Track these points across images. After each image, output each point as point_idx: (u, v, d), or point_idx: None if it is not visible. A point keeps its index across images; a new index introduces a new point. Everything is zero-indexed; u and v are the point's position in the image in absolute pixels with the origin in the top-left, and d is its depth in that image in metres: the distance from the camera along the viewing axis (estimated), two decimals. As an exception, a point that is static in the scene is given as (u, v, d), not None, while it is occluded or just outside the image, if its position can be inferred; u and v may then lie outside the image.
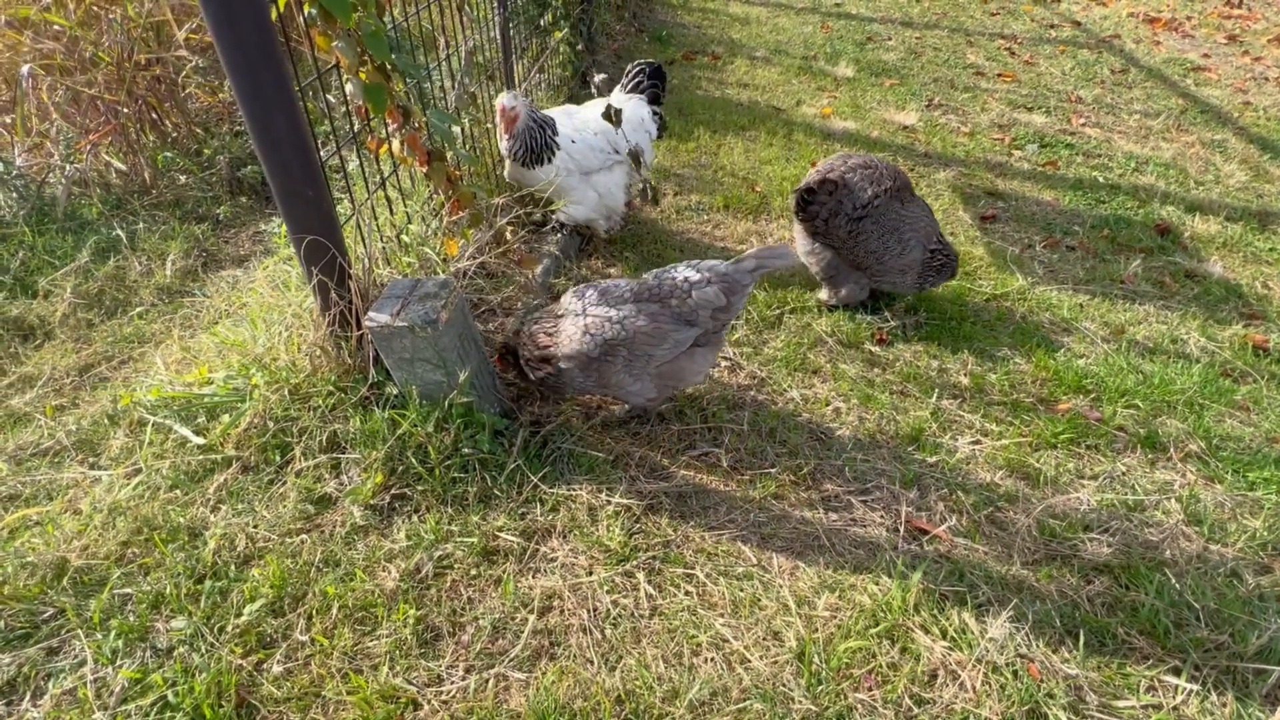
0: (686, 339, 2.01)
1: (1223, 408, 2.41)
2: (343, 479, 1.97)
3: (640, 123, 3.10)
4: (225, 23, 1.51)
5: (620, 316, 2.00)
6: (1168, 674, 1.61)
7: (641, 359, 2.01)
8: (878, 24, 6.45)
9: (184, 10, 3.73)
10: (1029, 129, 4.52)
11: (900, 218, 2.57)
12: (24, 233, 3.10)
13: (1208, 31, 6.39)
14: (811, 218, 2.61)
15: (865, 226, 2.55)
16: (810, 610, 1.73)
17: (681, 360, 2.05)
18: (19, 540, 1.78)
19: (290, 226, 1.84)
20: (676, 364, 2.05)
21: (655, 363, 2.02)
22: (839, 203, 2.55)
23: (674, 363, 2.04)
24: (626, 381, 2.05)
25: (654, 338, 1.99)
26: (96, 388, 2.42)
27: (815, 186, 2.56)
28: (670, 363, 2.04)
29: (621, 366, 2.02)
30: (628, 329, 1.98)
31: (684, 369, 2.07)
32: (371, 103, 1.99)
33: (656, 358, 2.01)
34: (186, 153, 3.79)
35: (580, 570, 1.81)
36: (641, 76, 3.17)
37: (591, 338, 1.99)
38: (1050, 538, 1.94)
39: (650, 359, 2.01)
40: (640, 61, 3.18)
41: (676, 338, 2.00)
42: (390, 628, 1.64)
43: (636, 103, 3.14)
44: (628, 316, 2.00)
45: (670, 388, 2.11)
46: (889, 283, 2.68)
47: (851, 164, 2.61)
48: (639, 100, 3.16)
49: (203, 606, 1.64)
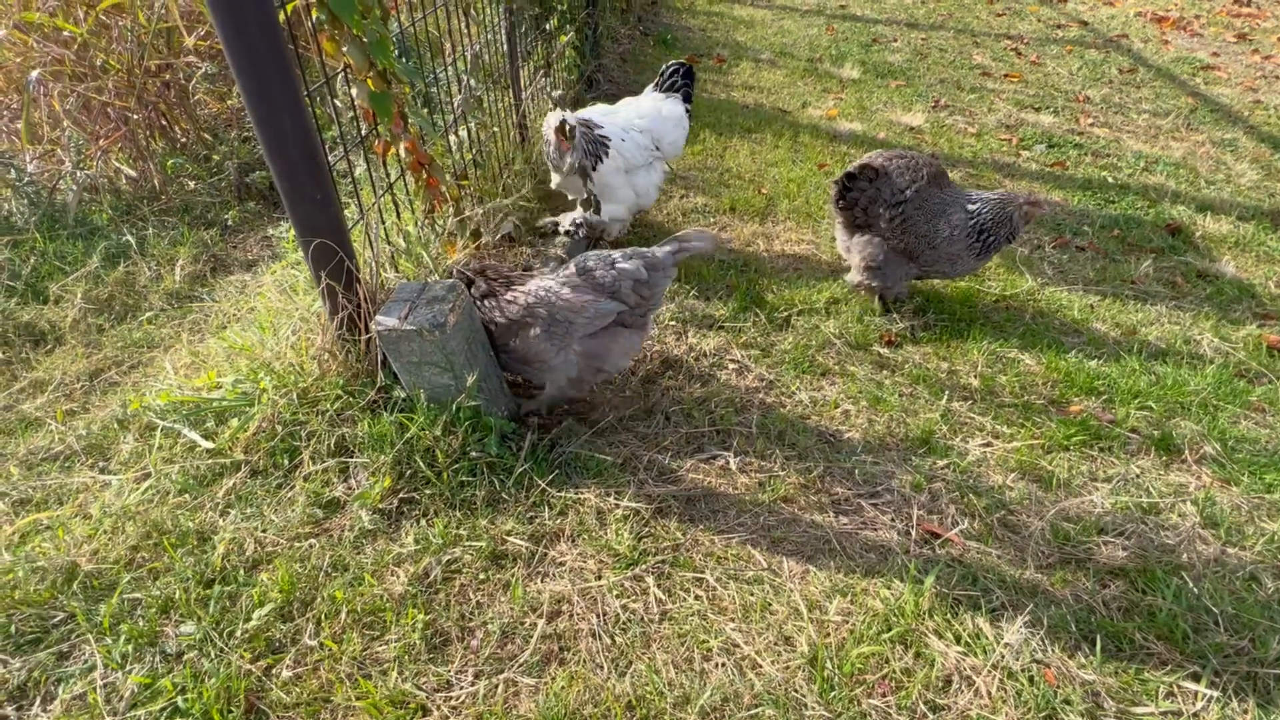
0: (608, 310, 2.06)
1: (1237, 409, 2.38)
2: (351, 483, 1.97)
3: (679, 120, 3.16)
4: (234, 28, 1.51)
5: (546, 286, 2.08)
6: (1187, 680, 1.59)
7: (562, 324, 2.05)
8: (882, 25, 6.44)
9: (193, 17, 3.76)
10: (1036, 129, 4.50)
11: (942, 201, 2.57)
12: (35, 239, 3.12)
13: (1216, 30, 6.35)
14: (851, 205, 2.63)
15: (909, 211, 2.55)
16: (822, 615, 1.72)
17: (604, 338, 2.09)
18: (30, 545, 1.78)
19: (298, 230, 1.85)
20: (599, 341, 2.09)
21: (577, 332, 2.06)
22: (878, 190, 2.57)
23: (597, 339, 2.09)
24: (548, 352, 2.07)
25: (574, 306, 2.05)
26: (106, 392, 2.43)
27: (855, 172, 2.58)
28: (593, 338, 2.08)
29: (543, 333, 2.05)
30: (550, 294, 2.06)
31: (608, 348, 2.11)
32: (378, 109, 2.00)
33: (577, 326, 2.05)
34: (195, 158, 3.81)
35: (589, 574, 1.80)
36: (676, 76, 3.20)
37: (517, 306, 2.07)
38: (1064, 541, 1.92)
39: (571, 326, 2.05)
40: (673, 61, 3.22)
41: (598, 308, 2.05)
42: (399, 632, 1.64)
43: (674, 101, 3.18)
44: (552, 286, 2.08)
45: (594, 370, 2.14)
46: (940, 271, 2.66)
47: (889, 155, 2.65)
48: (676, 99, 3.19)
49: (211, 611, 1.64)
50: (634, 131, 2.96)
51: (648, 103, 3.14)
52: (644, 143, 2.98)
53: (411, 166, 2.32)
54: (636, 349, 2.23)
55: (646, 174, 3.06)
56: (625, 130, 2.94)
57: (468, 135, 2.95)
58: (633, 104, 3.15)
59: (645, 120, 3.03)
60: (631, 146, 2.94)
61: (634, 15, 6.21)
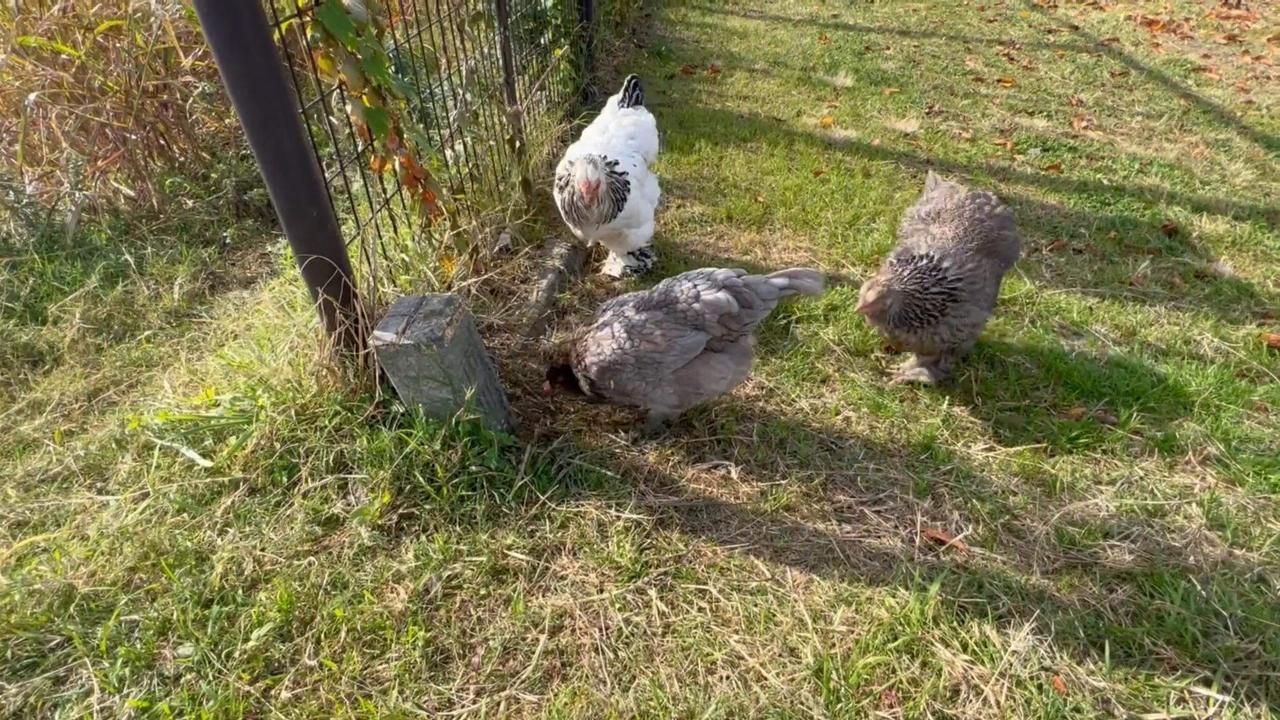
0: (695, 344, 2.00)
1: (1240, 409, 2.36)
2: (350, 499, 1.96)
3: (653, 127, 3.19)
4: (229, 47, 1.52)
5: (628, 326, 2.02)
6: (1198, 685, 1.57)
7: (651, 366, 2.01)
8: (875, 34, 6.49)
9: (191, 37, 3.79)
10: (1031, 133, 4.52)
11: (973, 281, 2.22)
12: (34, 260, 3.12)
13: (1206, 32, 6.39)
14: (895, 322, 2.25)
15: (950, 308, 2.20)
16: (827, 625, 1.70)
17: (698, 366, 2.04)
18: (26, 568, 1.77)
19: (295, 247, 1.85)
20: (693, 370, 2.05)
21: (666, 370, 2.02)
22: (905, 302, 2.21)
23: (689, 369, 2.04)
24: (644, 389, 2.05)
25: (659, 348, 1.99)
26: (105, 412, 2.42)
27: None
28: (686, 369, 2.04)
29: (633, 374, 2.02)
30: (632, 341, 2.00)
31: (701, 375, 2.06)
32: (373, 124, 2.01)
33: (665, 365, 2.01)
34: (193, 177, 3.83)
35: (591, 588, 1.78)
36: (637, 90, 3.22)
37: (603, 348, 2.03)
38: (1070, 545, 1.90)
39: (660, 366, 2.01)
40: (631, 75, 3.24)
41: (683, 344, 2.00)
42: (399, 650, 1.62)
43: (643, 111, 3.19)
44: (635, 324, 2.02)
45: (692, 394, 2.10)
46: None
47: (886, 281, 2.20)
48: (642, 109, 3.21)
49: (210, 632, 1.62)
50: (629, 149, 2.96)
51: (629, 118, 3.13)
52: (640, 159, 2.99)
53: (407, 181, 2.32)
54: (736, 371, 2.09)
55: (650, 183, 3.07)
56: (624, 153, 2.89)
57: (464, 149, 2.97)
58: (614, 120, 3.12)
59: (637, 140, 3.03)
60: (641, 167, 2.94)
61: (628, 28, 6.27)
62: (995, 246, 2.35)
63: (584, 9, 4.63)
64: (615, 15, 5.99)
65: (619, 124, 3.08)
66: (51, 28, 3.46)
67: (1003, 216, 2.43)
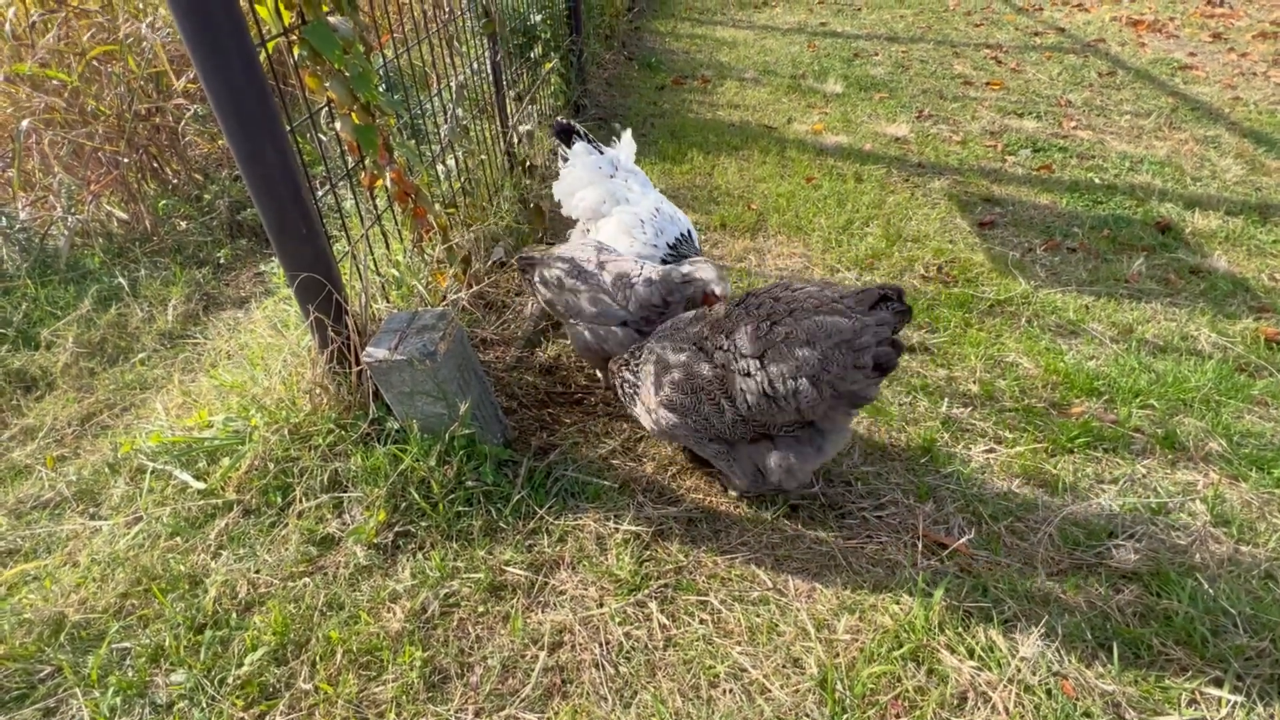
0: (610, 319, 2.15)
1: (1240, 404, 2.35)
2: (345, 518, 1.94)
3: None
4: (214, 69, 1.52)
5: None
6: (1209, 686, 1.54)
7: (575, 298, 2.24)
8: (863, 40, 6.54)
9: (183, 60, 3.81)
10: (1021, 134, 4.54)
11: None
12: (27, 285, 3.12)
13: (1191, 31, 6.44)
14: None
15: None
16: (830, 634, 1.67)
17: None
18: (16, 596, 1.74)
19: (286, 266, 1.84)
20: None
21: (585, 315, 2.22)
22: None
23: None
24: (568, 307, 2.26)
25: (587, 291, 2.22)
26: (98, 436, 2.40)
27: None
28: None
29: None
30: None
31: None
32: (362, 141, 2.01)
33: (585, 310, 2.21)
34: (187, 199, 3.83)
35: (590, 602, 1.76)
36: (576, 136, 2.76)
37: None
38: (1074, 546, 1.88)
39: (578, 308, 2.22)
40: (578, 126, 2.79)
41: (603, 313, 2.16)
42: (396, 671, 1.59)
43: (622, 149, 2.81)
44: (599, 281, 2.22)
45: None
46: None
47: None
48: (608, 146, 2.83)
49: (203, 658, 1.59)
50: (663, 201, 2.62)
51: (624, 159, 2.74)
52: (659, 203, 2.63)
53: (398, 197, 2.32)
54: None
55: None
56: (661, 201, 2.60)
57: (455, 164, 2.97)
58: (607, 169, 2.67)
59: (640, 180, 2.71)
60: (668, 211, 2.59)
61: (618, 40, 6.31)
62: None
63: (573, 23, 4.67)
64: (605, 28, 6.04)
65: (630, 181, 2.63)
66: (45, 55, 3.48)
67: None
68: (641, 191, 2.64)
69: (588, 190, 2.63)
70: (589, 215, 2.66)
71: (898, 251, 3.28)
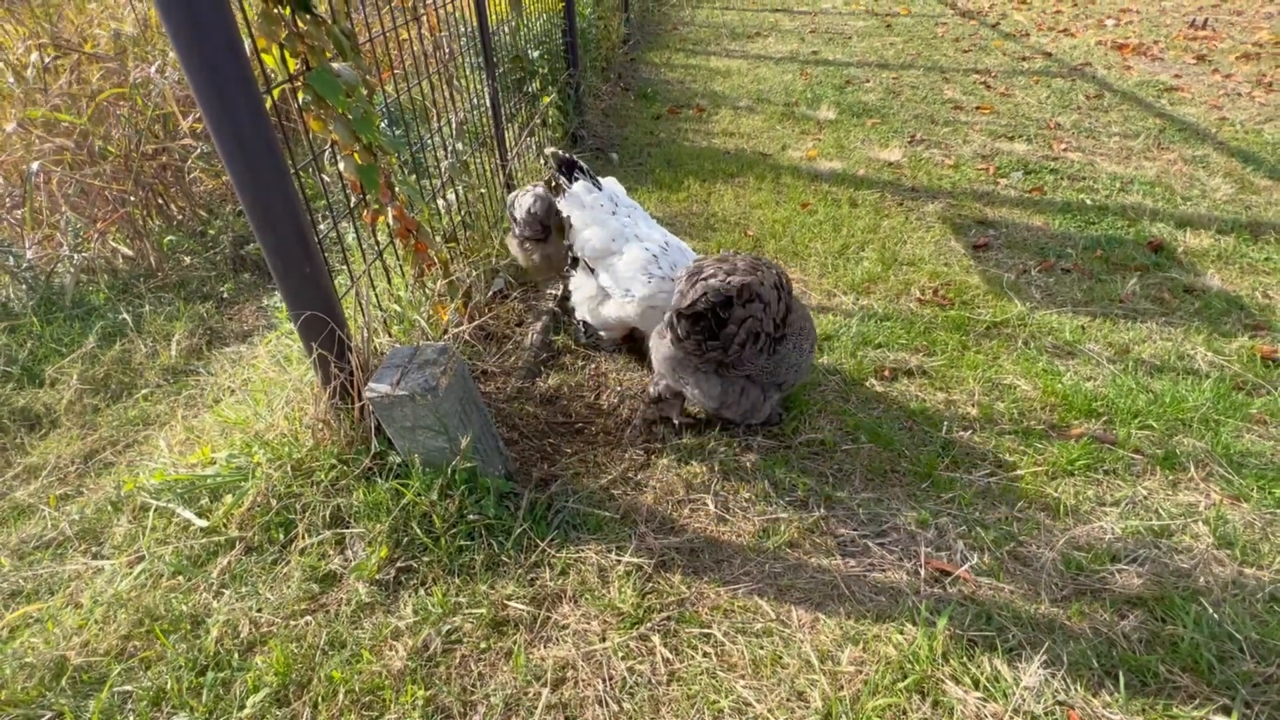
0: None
1: (1239, 422, 2.36)
2: (347, 554, 1.94)
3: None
4: (221, 119, 1.56)
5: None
6: (1217, 714, 1.52)
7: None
8: (855, 68, 6.68)
9: (189, 102, 3.90)
10: (1012, 157, 4.61)
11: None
12: (32, 323, 3.16)
13: (1176, 53, 6.58)
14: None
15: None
16: (834, 666, 1.66)
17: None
18: (18, 640, 1.74)
19: (289, 303, 1.87)
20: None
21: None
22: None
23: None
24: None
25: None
26: (101, 474, 2.41)
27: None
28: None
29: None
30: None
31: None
32: (364, 180, 2.06)
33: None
34: (191, 234, 3.89)
35: (593, 636, 1.75)
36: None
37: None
38: (1077, 571, 1.87)
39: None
40: (580, 161, 2.76)
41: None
42: (399, 711, 1.58)
43: (612, 181, 2.79)
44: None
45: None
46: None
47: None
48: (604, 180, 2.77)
49: (204, 700, 1.59)
50: (655, 231, 2.64)
51: (622, 195, 2.73)
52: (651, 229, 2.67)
53: (400, 233, 2.37)
54: None
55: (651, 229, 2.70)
56: (666, 238, 2.61)
57: (455, 198, 3.03)
58: (609, 205, 2.63)
59: (640, 215, 2.71)
60: (677, 250, 2.61)
61: (614, 72, 6.45)
62: None
63: (570, 57, 4.78)
64: (601, 60, 6.18)
65: (631, 212, 2.61)
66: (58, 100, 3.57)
67: None
68: (647, 227, 2.62)
69: (593, 230, 2.57)
70: (597, 255, 2.57)
71: (893, 275, 3.32)
